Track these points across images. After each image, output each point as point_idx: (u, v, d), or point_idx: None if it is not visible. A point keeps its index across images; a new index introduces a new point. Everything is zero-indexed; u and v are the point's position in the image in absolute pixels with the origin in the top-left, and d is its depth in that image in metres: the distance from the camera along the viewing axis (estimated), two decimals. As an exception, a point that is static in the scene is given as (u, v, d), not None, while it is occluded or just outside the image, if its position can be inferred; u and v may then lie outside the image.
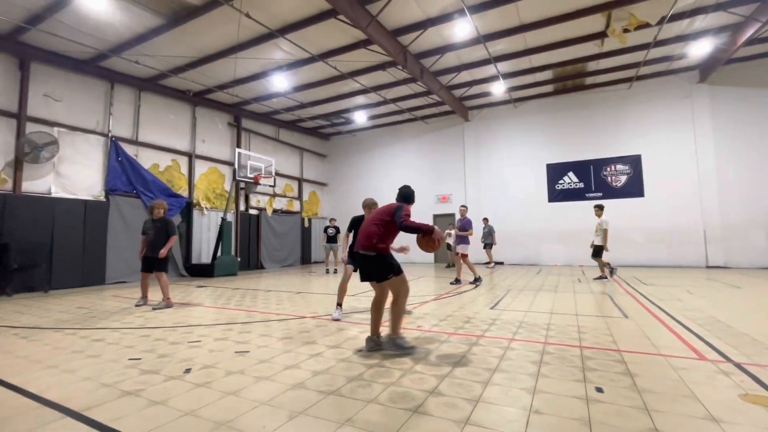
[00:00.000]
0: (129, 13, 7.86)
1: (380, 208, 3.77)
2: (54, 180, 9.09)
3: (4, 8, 7.44)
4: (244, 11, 7.67)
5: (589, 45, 10.05)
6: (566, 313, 5.11)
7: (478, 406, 2.33)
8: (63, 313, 5.66)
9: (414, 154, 16.51)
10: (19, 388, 2.71)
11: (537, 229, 13.74)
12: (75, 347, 3.78)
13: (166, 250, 6.09)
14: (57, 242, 8.83)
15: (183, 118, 12.24)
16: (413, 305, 5.87)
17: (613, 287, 7.52)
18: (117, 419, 2.22)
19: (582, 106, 13.47)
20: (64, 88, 9.42)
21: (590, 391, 2.52)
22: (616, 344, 3.59)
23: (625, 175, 12.76)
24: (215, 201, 12.96)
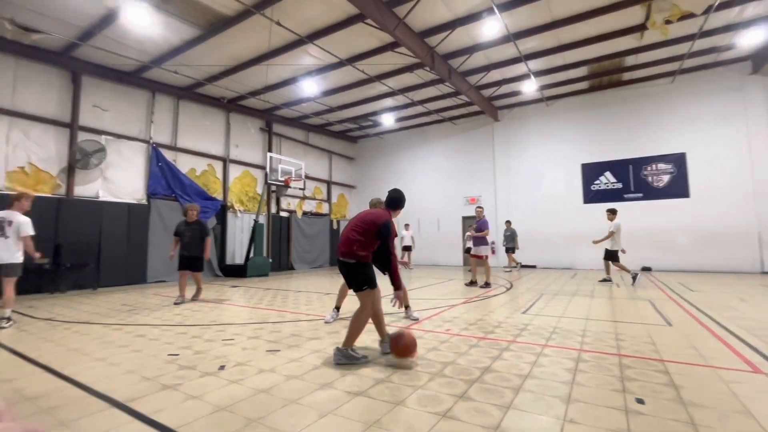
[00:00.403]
0: (169, 26, 8.29)
1: (364, 215, 3.46)
2: (101, 185, 9.72)
3: (59, 27, 8.05)
4: (275, 19, 7.90)
5: (627, 39, 9.58)
6: (603, 319, 4.88)
7: (509, 413, 2.27)
8: (109, 310, 6.03)
9: (442, 156, 16.36)
10: (71, 379, 2.90)
11: (571, 231, 13.21)
12: (120, 342, 4.01)
13: (208, 252, 6.67)
14: (104, 243, 9.42)
15: (218, 124, 12.75)
16: (442, 308, 5.80)
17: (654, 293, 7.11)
18: (157, 411, 2.33)
19: (620, 103, 12.86)
20: (110, 99, 10.06)
21: (630, 402, 2.39)
22: (659, 353, 3.39)
23: (668, 175, 12.05)
24: (248, 204, 13.40)
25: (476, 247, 8.41)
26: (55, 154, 9.01)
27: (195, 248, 6.61)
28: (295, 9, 7.93)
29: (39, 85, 8.86)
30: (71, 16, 7.77)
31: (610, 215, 9.00)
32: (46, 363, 3.31)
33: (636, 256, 12.17)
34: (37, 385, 2.79)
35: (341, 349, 3.24)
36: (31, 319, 5.39)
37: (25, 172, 8.52)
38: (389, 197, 3.62)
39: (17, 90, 8.52)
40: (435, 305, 6.09)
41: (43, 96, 8.90)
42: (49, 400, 2.53)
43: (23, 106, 8.57)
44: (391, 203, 3.61)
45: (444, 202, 15.86)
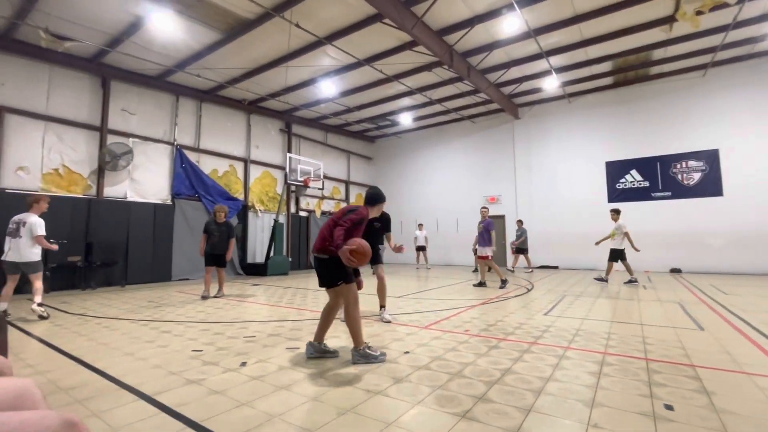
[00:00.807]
0: (192, 30, 8.52)
1: (340, 210, 3.55)
2: (129, 185, 10.08)
3: (90, 34, 8.39)
4: (294, 21, 8.00)
5: (655, 32, 9.23)
6: (629, 322, 4.73)
7: (530, 415, 2.23)
8: (137, 306, 6.25)
9: (461, 155, 16.18)
10: (102, 372, 3.03)
11: (595, 231, 12.73)
12: (147, 337, 4.16)
13: (231, 252, 7.18)
14: (131, 242, 9.78)
15: (239, 125, 13.03)
16: (461, 309, 5.75)
17: (684, 296, 6.83)
18: (182, 405, 2.40)
19: (647, 98, 12.40)
20: (137, 103, 10.43)
21: (658, 407, 2.31)
22: (689, 358, 3.25)
23: (700, 172, 11.54)
24: (268, 204, 13.63)
25: (481, 248, 8.45)
26: (87, 156, 9.41)
27: (222, 247, 7.18)
28: (314, 11, 8.01)
29: (71, 91, 9.27)
30: (101, 24, 8.10)
31: (614, 215, 8.98)
32: (79, 356, 3.46)
33: (665, 257, 11.76)
34: (71, 377, 2.92)
35: (358, 350, 3.27)
36: (65, 314, 5.64)
37: (59, 174, 8.93)
38: (367, 194, 3.76)
39: (51, 96, 8.94)
40: (453, 306, 6.04)
41: (76, 101, 9.31)
42: (82, 391, 2.64)
43: (57, 111, 8.99)
44: (370, 200, 3.70)
45: (463, 202, 15.69)
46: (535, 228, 13.94)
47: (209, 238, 7.16)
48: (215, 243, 7.13)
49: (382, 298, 5.06)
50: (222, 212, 7.25)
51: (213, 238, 7.13)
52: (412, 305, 6.09)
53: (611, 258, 8.88)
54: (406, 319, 5.04)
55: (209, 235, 7.17)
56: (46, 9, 7.45)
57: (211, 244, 7.14)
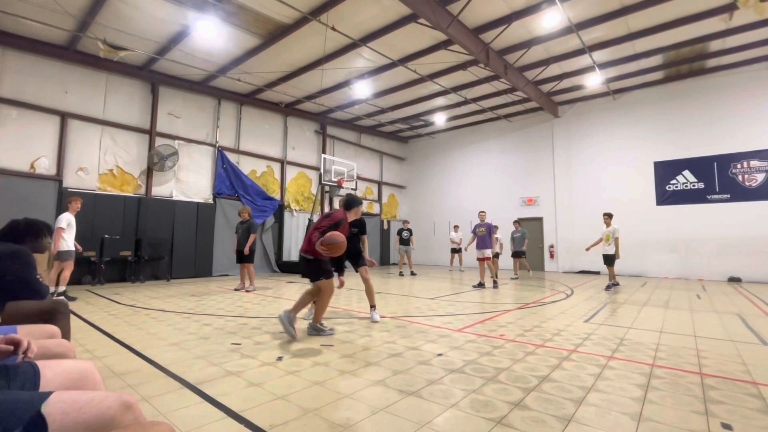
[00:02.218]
0: (233, 36, 8.90)
1: (324, 214, 4.29)
2: (174, 185, 10.68)
3: (141, 44, 8.98)
4: (330, 24, 8.14)
5: (712, 21, 8.56)
6: (681, 333, 4.41)
7: (570, 425, 2.13)
8: (180, 300, 6.59)
9: (496, 155, 15.80)
10: (151, 360, 3.22)
11: (642, 235, 12.08)
12: (190, 329, 4.37)
13: (248, 248, 7.74)
14: (176, 239, 10.34)
15: (276, 127, 13.45)
16: (496, 313, 5.61)
17: (745, 307, 6.28)
18: (223, 395, 2.50)
19: (702, 94, 11.54)
20: (182, 107, 11.03)
21: (714, 426, 2.13)
22: (751, 375, 2.98)
23: (764, 173, 10.58)
24: (303, 203, 13.97)
25: (480, 250, 8.81)
26: (137, 157, 10.07)
27: (243, 243, 7.78)
28: (349, 13, 8.12)
29: (125, 97, 9.96)
30: (151, 34, 8.64)
31: (607, 219, 8.81)
32: (131, 344, 3.70)
33: (722, 264, 10.89)
34: (124, 363, 3.13)
35: (313, 324, 4.10)
36: (117, 304, 6.06)
37: (113, 175, 9.61)
38: (343, 199, 4.48)
39: (107, 102, 9.65)
40: (488, 309, 5.90)
41: (128, 106, 9.99)
42: (133, 377, 2.82)
43: (112, 116, 9.69)
44: (346, 204, 4.43)
45: (498, 203, 15.28)
46: (575, 232, 13.38)
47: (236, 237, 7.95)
48: (239, 240, 7.86)
49: (370, 299, 5.10)
50: (245, 212, 8.01)
51: (238, 236, 7.91)
52: (445, 307, 6.02)
53: (608, 263, 8.70)
54: (439, 321, 4.98)
55: (237, 233, 7.97)
56: (103, 21, 8.05)
57: (236, 242, 7.92)
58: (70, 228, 6.34)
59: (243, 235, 7.84)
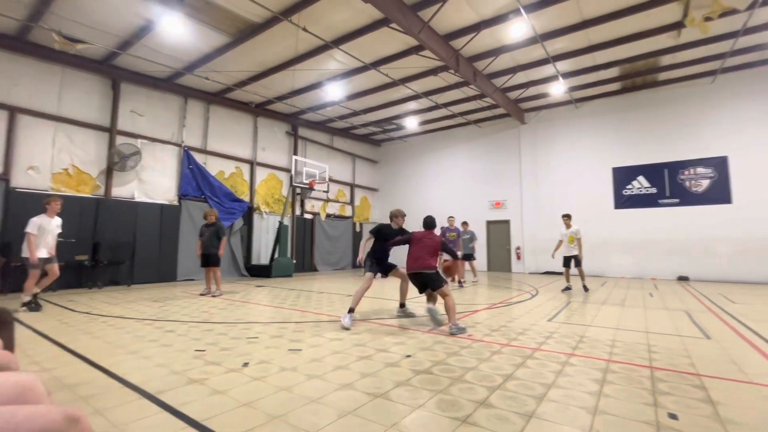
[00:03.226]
0: (201, 33, 8.64)
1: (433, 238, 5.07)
2: (137, 186, 10.20)
3: (101, 37, 8.54)
4: (302, 25, 8.08)
5: (663, 37, 9.19)
6: (634, 329, 4.68)
7: (531, 421, 2.21)
8: (142, 306, 6.30)
9: (466, 159, 16.17)
10: (107, 370, 3.05)
11: (601, 237, 12.71)
12: (151, 336, 4.19)
13: (222, 250, 7.72)
14: (138, 242, 9.87)
15: (246, 128, 13.14)
16: (464, 314, 5.73)
17: (692, 304, 6.75)
18: (184, 404, 2.41)
19: (654, 105, 12.33)
20: (146, 104, 10.57)
21: (662, 416, 2.28)
22: (695, 367, 3.21)
23: (708, 179, 11.42)
24: (273, 205, 13.71)
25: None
26: (95, 156, 9.54)
27: (210, 246, 7.73)
28: (321, 15, 8.08)
29: (82, 92, 9.42)
30: (112, 27, 8.24)
31: (566, 220, 8.72)
32: (84, 354, 3.50)
33: (672, 264, 11.63)
34: (76, 375, 2.95)
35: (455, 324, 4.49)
36: (71, 312, 5.71)
37: (68, 174, 9.06)
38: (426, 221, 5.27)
39: (63, 97, 9.10)
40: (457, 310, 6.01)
41: (86, 102, 9.46)
42: (86, 388, 2.67)
43: (68, 112, 9.14)
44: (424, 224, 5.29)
45: (468, 207, 15.63)
46: (540, 234, 13.89)
47: (202, 240, 7.83)
48: (204, 243, 7.78)
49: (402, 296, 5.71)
50: (212, 215, 7.97)
51: (203, 238, 7.81)
52: (414, 309, 6.08)
53: (576, 264, 8.61)
54: (409, 322, 5.03)
55: (201, 236, 7.87)
56: (59, 12, 7.60)
57: (202, 245, 7.80)
58: (43, 232, 5.75)
59: (209, 239, 7.76)
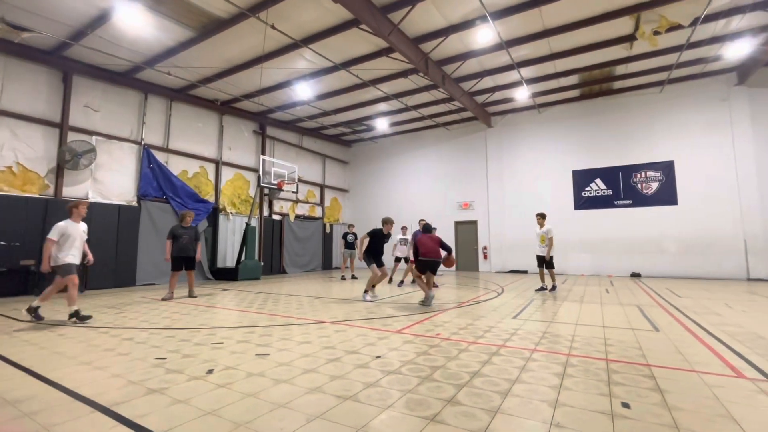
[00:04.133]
0: (162, 27, 8.27)
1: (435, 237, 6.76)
2: (91, 186, 9.60)
3: (50, 26, 7.98)
4: (270, 23, 7.91)
5: (617, 48, 9.77)
6: (592, 324, 4.93)
7: (496, 417, 2.28)
8: (96, 313, 5.93)
9: (435, 161, 16.45)
10: (54, 383, 2.85)
11: (562, 237, 13.23)
12: (106, 345, 3.95)
13: (200, 254, 7.54)
14: (92, 245, 9.24)
15: (211, 126, 12.70)
16: (434, 313, 5.82)
17: (643, 299, 7.21)
18: (142, 416, 2.30)
19: (610, 111, 13.08)
20: (102, 99, 9.97)
21: (616, 406, 2.42)
22: (645, 358, 3.43)
23: (657, 182, 12.25)
24: (240, 206, 13.32)
25: None
26: (44, 154, 8.89)
27: (191, 250, 7.51)
28: (290, 13, 7.96)
29: (28, 84, 8.76)
30: (62, 16, 7.72)
31: (540, 220, 8.41)
32: (29, 366, 3.25)
33: (626, 262, 12.37)
34: (20, 389, 2.74)
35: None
36: (16, 321, 5.29)
37: (12, 172, 8.39)
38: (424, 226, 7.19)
39: (6, 88, 8.41)
40: (426, 309, 6.10)
41: (32, 95, 8.80)
42: (31, 404, 2.48)
43: (11, 105, 8.46)
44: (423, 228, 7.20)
45: (437, 208, 15.92)
46: (506, 234, 14.36)
47: (176, 242, 7.42)
48: (184, 246, 7.45)
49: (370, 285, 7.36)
50: (189, 217, 7.66)
51: (182, 241, 7.43)
52: (385, 310, 6.11)
53: (540, 264, 8.42)
54: (379, 323, 5.05)
55: (177, 238, 7.43)
56: (1, -3, 7.03)
57: (178, 248, 7.42)
58: (67, 238, 5.34)
59: (190, 242, 7.54)
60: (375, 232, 7.25)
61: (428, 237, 6.74)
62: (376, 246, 7.24)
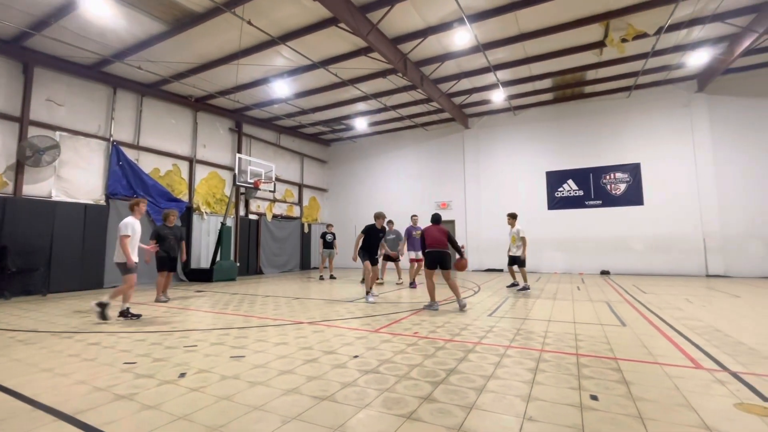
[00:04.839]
0: (132, 19, 7.96)
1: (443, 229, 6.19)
2: (55, 184, 9.13)
3: (8, 14, 7.54)
4: (246, 18, 7.76)
5: (588, 54, 10.13)
6: (564, 320, 5.10)
7: (471, 413, 2.33)
8: (60, 317, 5.66)
9: (414, 161, 16.57)
10: (14, 391, 2.70)
11: (536, 236, 13.65)
12: (70, 351, 3.78)
13: (184, 254, 7.53)
14: (56, 246, 8.83)
15: (184, 123, 12.32)
16: (412, 312, 5.86)
17: (612, 296, 7.51)
18: (109, 423, 2.21)
19: (581, 115, 13.54)
20: (66, 93, 9.50)
21: (585, 398, 2.51)
22: (613, 352, 3.58)
23: (625, 183, 12.78)
24: (215, 206, 12.99)
25: (416, 252, 9.37)
26: (2, 149, 8.40)
27: (176, 250, 7.37)
28: (267, 9, 7.83)
29: (-16, 76, 8.25)
30: (22, 3, 7.30)
31: (510, 220, 8.57)
32: (-15, 375, 3.07)
33: (596, 260, 12.84)
34: (-26, 399, 2.58)
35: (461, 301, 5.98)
36: (-30, 327, 4.97)
37: (-34, 169, 7.88)
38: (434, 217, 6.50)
39: (-41, 80, 7.89)
40: (405, 308, 6.14)
41: (-11, 87, 8.30)
42: (-14, 414, 2.34)
43: (-34, 98, 7.95)
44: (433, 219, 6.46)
45: (415, 207, 15.99)
46: (483, 233, 14.62)
47: (163, 243, 7.13)
48: (171, 246, 7.28)
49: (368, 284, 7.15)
50: (173, 216, 7.43)
51: (168, 242, 7.24)
52: (363, 309, 6.11)
53: (510, 263, 8.54)
54: (357, 323, 5.04)
55: (163, 239, 7.16)
56: (-47, -18, 6.59)
57: (166, 249, 7.19)
58: (135, 234, 5.54)
59: (176, 242, 7.40)
60: (368, 228, 7.19)
61: (436, 228, 6.20)
62: (371, 242, 7.18)
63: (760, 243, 11.02)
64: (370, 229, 7.20)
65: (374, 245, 7.24)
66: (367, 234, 7.17)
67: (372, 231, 7.19)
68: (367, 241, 7.16)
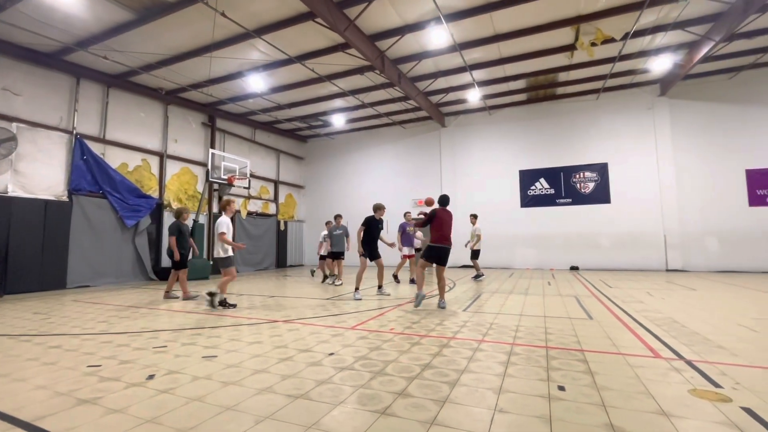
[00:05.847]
0: (97, 5, 7.58)
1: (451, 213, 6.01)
2: (11, 178, 8.60)
3: (-42, -4, 7.02)
4: (220, 10, 7.54)
5: (560, 56, 10.44)
6: (535, 315, 5.27)
7: (445, 406, 2.37)
8: (17, 319, 5.35)
9: (391, 158, 16.61)
10: (-36, 399, 2.54)
11: (510, 233, 14.08)
12: (29, 355, 3.59)
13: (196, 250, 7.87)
14: (13, 244, 8.34)
15: (154, 116, 11.86)
16: (388, 308, 5.89)
17: (580, 290, 7.80)
18: (71, 429, 2.12)
19: (553, 115, 13.96)
20: (24, 82, 8.95)
21: (553, 389, 2.61)
22: (580, 344, 3.73)
23: (593, 182, 13.29)
24: (187, 202, 12.59)
25: (408, 247, 9.49)
26: (-49, 141, 7.83)
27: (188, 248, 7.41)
28: (242, 1, 7.63)
29: (-70, 61, 7.65)
30: (-26, -14, 6.82)
31: (472, 219, 10.19)
32: (-67, 382, 2.87)
33: (566, 256, 13.30)
34: None
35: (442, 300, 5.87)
36: None
37: None
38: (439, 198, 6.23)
39: None
40: (383, 305, 6.17)
41: (-64, 74, 7.70)
42: (-66, 424, 2.20)
43: None
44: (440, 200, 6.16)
45: (392, 204, 16.04)
46: (458, 230, 14.80)
47: (181, 241, 7.12)
48: (186, 243, 7.27)
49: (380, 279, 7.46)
50: (186, 213, 7.45)
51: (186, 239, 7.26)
52: (340, 306, 6.10)
53: (473, 257, 10.15)
54: (333, 320, 5.03)
55: (184, 237, 7.18)
56: None
57: (184, 246, 7.20)
58: (229, 232, 6.05)
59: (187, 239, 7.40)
60: (368, 220, 7.12)
61: (447, 213, 5.86)
62: (372, 235, 7.11)
63: (715, 240, 11.73)
64: (370, 221, 7.12)
65: (375, 238, 7.17)
66: (368, 226, 7.09)
67: (372, 223, 7.11)
68: (367, 233, 7.09)
